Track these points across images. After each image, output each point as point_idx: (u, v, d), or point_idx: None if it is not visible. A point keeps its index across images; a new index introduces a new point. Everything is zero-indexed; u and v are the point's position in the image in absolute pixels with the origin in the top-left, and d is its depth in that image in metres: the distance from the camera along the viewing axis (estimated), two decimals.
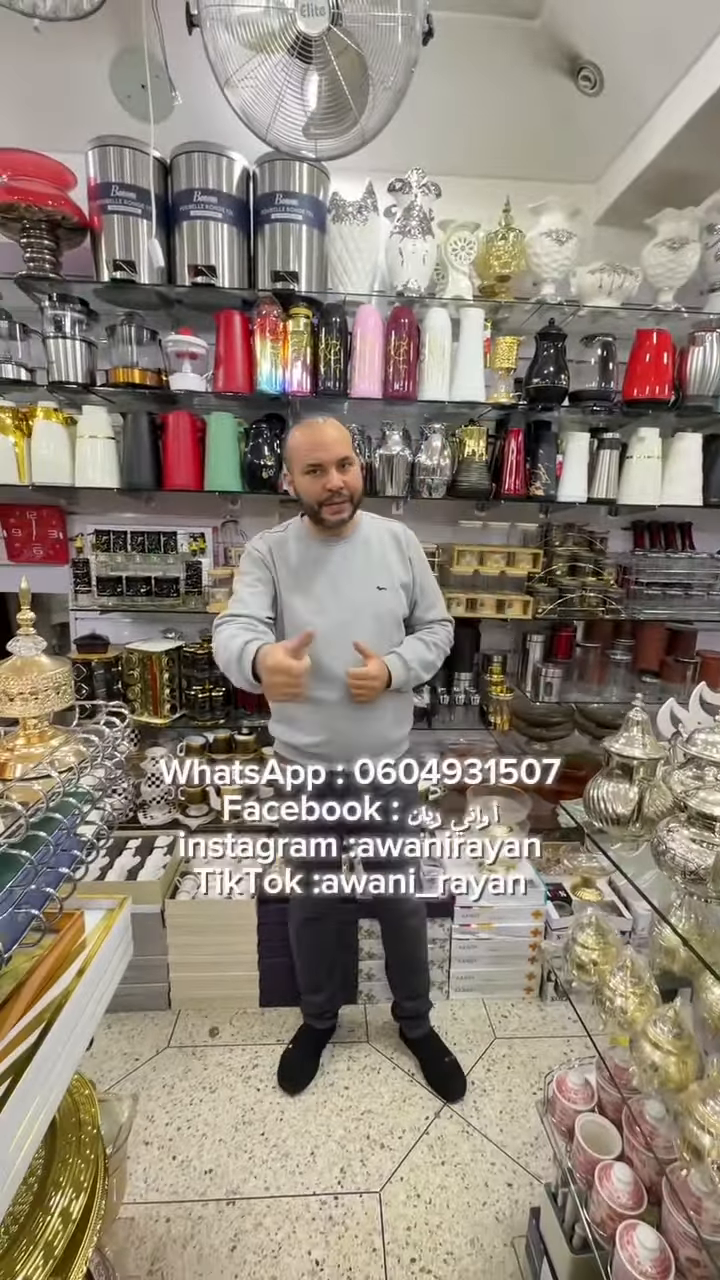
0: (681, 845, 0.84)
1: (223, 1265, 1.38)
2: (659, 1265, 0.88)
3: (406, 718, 1.67)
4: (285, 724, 1.58)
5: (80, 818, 0.81)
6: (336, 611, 1.46)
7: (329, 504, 1.42)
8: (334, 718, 1.49)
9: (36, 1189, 0.94)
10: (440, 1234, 1.45)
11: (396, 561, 1.55)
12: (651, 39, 1.78)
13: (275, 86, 1.49)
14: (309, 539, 1.53)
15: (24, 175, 1.87)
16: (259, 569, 1.52)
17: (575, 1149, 1.08)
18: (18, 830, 0.68)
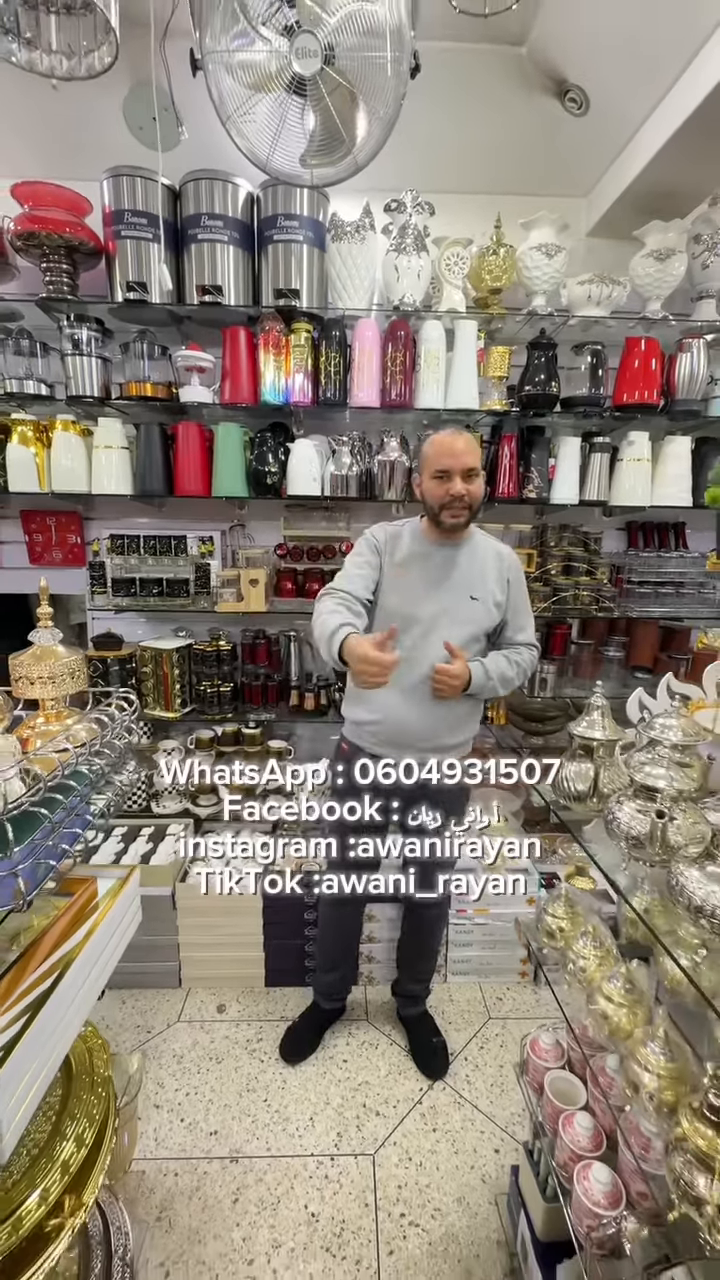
0: (627, 815, 0.93)
1: (225, 1214, 1.49)
2: (610, 1198, 0.97)
3: (465, 727, 1.70)
4: (353, 700, 1.71)
5: (92, 787, 0.93)
6: (426, 607, 1.57)
7: (449, 508, 1.53)
8: (393, 703, 1.59)
9: (54, 1120, 1.06)
10: (429, 1193, 1.55)
11: (494, 579, 1.63)
12: (633, 61, 1.87)
13: (273, 122, 1.60)
14: (422, 537, 1.64)
15: (44, 205, 2.01)
16: (370, 553, 1.65)
17: (545, 1101, 1.17)
18: (39, 792, 0.80)
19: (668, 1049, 0.88)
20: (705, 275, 2.17)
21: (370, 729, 1.65)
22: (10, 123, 2.13)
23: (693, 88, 1.80)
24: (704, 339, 2.21)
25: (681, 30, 1.73)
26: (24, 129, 2.17)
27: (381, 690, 1.57)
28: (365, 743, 1.68)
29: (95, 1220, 1.29)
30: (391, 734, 1.62)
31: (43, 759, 0.88)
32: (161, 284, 2.01)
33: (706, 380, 2.23)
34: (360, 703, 1.68)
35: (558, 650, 2.51)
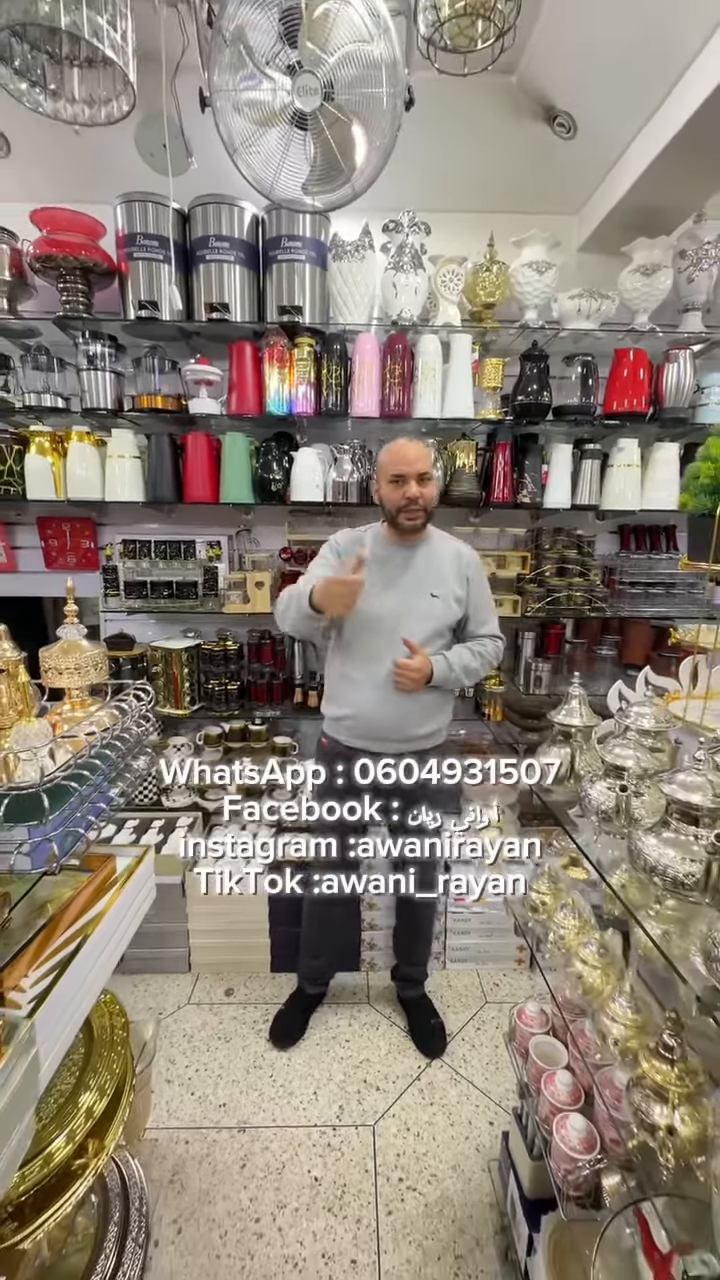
0: (597, 792, 1.02)
1: (234, 1178, 1.58)
2: (585, 1144, 1.06)
3: (434, 718, 1.79)
4: (331, 700, 1.81)
5: (114, 768, 1.03)
6: (389, 605, 1.67)
7: (405, 510, 1.65)
8: (365, 697, 1.70)
9: (78, 1074, 1.16)
10: (426, 1160, 1.64)
11: (453, 576, 1.74)
12: (619, 88, 1.97)
13: (277, 153, 1.71)
14: (382, 540, 1.75)
15: (61, 229, 2.13)
16: (334, 557, 1.77)
17: (530, 1063, 1.26)
18: (69, 767, 0.90)
19: (634, 1003, 0.97)
20: (690, 289, 2.27)
21: (345, 724, 1.75)
22: (29, 151, 2.25)
23: (676, 112, 1.89)
24: (690, 350, 2.30)
25: (664, 58, 1.83)
26: (42, 156, 2.29)
27: (353, 687, 1.70)
28: (342, 737, 1.78)
29: (114, 1176, 1.38)
30: (364, 728, 1.72)
31: (70, 741, 0.99)
32: (172, 303, 2.12)
33: (693, 389, 2.32)
34: (336, 700, 1.78)
35: (552, 649, 2.60)
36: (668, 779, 0.86)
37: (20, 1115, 0.82)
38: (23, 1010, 0.86)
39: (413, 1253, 1.43)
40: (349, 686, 1.73)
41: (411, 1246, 1.44)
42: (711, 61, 1.70)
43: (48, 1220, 0.95)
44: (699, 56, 1.76)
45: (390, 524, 1.72)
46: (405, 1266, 1.40)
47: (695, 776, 0.84)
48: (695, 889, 0.79)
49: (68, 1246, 1.28)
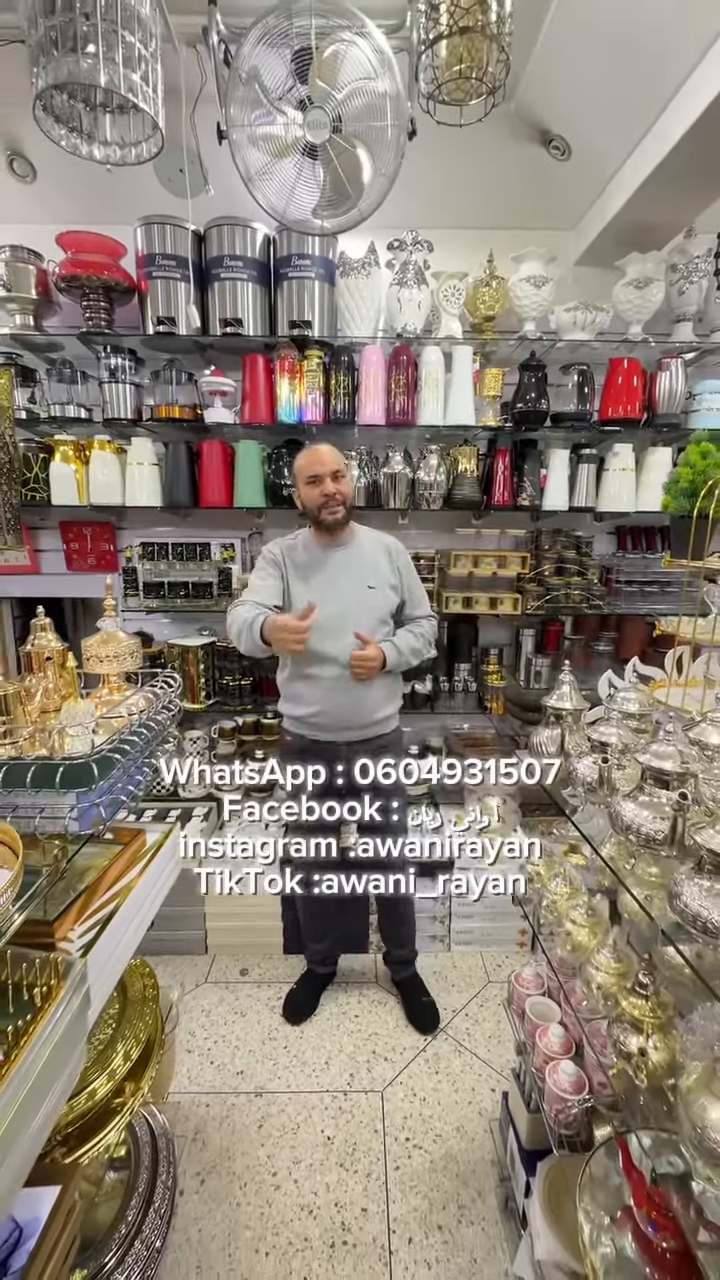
0: (584, 766, 1.13)
1: (251, 1137, 1.70)
2: (575, 1085, 1.16)
3: (394, 698, 1.95)
4: (289, 700, 1.92)
5: (148, 743, 1.15)
6: (332, 604, 1.78)
7: (325, 507, 1.77)
8: (328, 693, 1.81)
9: (115, 1026, 1.29)
10: (431, 1122, 1.75)
11: (386, 567, 1.87)
12: (610, 114, 2.08)
13: (289, 182, 1.83)
14: (314, 544, 1.87)
15: (85, 251, 2.27)
16: (272, 567, 1.88)
17: (526, 1021, 1.37)
18: (115, 740, 1.02)
19: (616, 954, 1.07)
20: (681, 301, 2.38)
21: (309, 720, 1.86)
22: (53, 176, 2.39)
23: (665, 136, 2.00)
24: (681, 358, 2.41)
25: (653, 85, 1.94)
26: (65, 181, 2.43)
27: (316, 686, 1.82)
28: (306, 732, 1.89)
29: (144, 1129, 1.50)
30: (328, 720, 1.84)
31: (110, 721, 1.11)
32: (190, 321, 2.25)
33: (684, 396, 2.43)
34: (296, 700, 1.89)
35: (552, 645, 2.71)
36: (643, 749, 0.97)
37: (74, 1044, 0.94)
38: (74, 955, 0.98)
39: (419, 1202, 1.54)
40: (308, 685, 1.84)
41: (418, 1197, 1.55)
42: (697, 89, 1.80)
43: (94, 1146, 1.07)
44: (685, 84, 1.87)
45: (315, 525, 1.84)
46: (412, 1214, 1.51)
47: (667, 747, 0.95)
48: (664, 844, 0.90)
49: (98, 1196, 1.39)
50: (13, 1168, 0.80)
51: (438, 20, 1.20)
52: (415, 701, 2.62)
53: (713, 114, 1.78)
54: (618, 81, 1.97)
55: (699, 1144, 0.75)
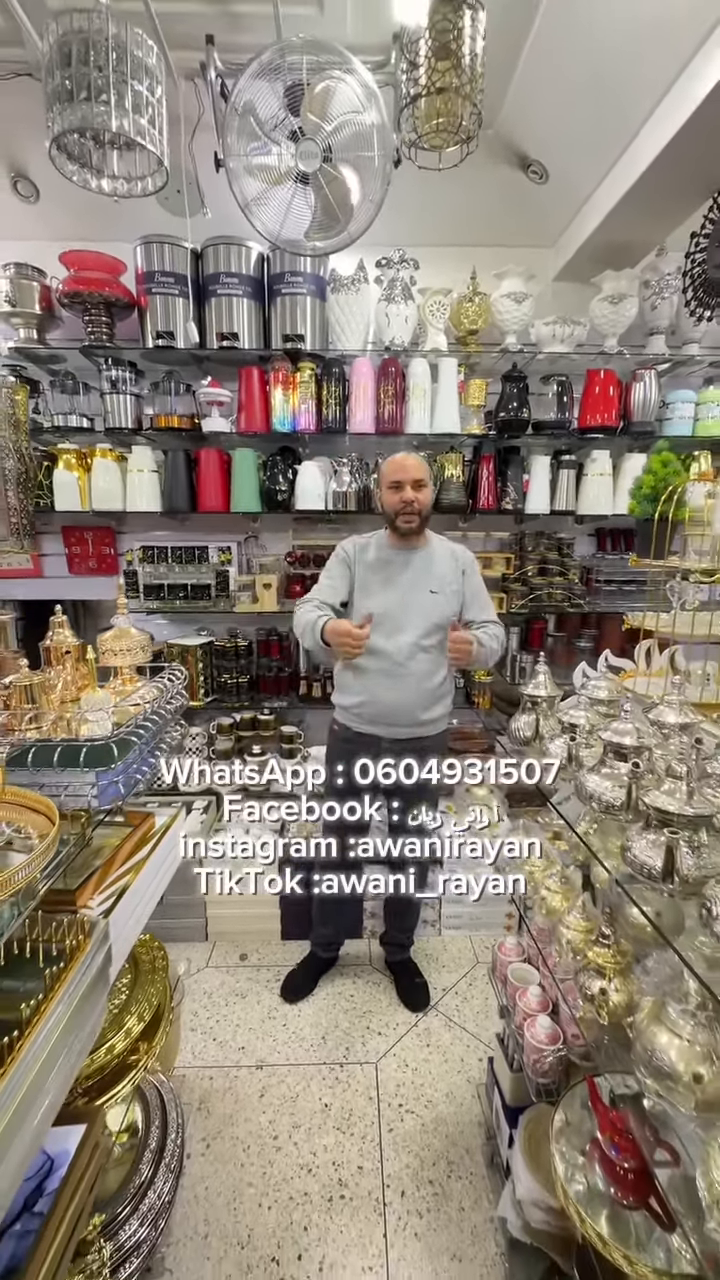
0: (556, 746, 1.25)
1: (254, 1106, 1.80)
2: (550, 1037, 1.28)
3: (442, 701, 1.99)
4: (340, 690, 2.03)
5: (161, 727, 1.26)
6: (393, 603, 1.89)
7: (403, 513, 1.87)
8: (373, 685, 1.91)
9: (128, 993, 1.39)
10: (422, 1089, 1.86)
11: (450, 574, 1.96)
12: (583, 143, 2.22)
13: (282, 207, 1.95)
14: (386, 545, 1.98)
15: (87, 268, 2.38)
16: (341, 566, 1.99)
17: (508, 986, 1.48)
18: (132, 723, 1.13)
19: (584, 914, 1.19)
20: (654, 315, 2.52)
21: (356, 711, 1.97)
22: (55, 196, 2.49)
23: (634, 163, 2.14)
24: (655, 370, 2.55)
25: (622, 117, 2.07)
26: (66, 201, 2.53)
27: (364, 678, 1.93)
28: (353, 723, 2.00)
29: (154, 1095, 1.60)
30: (375, 713, 1.94)
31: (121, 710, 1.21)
32: (188, 337, 2.36)
33: (658, 404, 2.57)
34: (346, 690, 2.00)
35: (535, 643, 2.84)
36: (605, 727, 1.09)
37: (99, 995, 1.04)
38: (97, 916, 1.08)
39: (411, 1160, 1.64)
40: (359, 676, 1.94)
41: (410, 1155, 1.66)
42: (662, 121, 1.93)
43: (113, 1096, 1.17)
44: (651, 116, 2.01)
45: (391, 528, 1.94)
46: (405, 1170, 1.62)
47: (626, 724, 1.07)
48: (621, 809, 1.01)
49: (109, 1164, 1.49)
50: (46, 1105, 0.90)
51: (417, 80, 1.31)
52: None
53: (677, 144, 1.91)
54: (590, 113, 2.10)
55: (649, 1064, 0.87)
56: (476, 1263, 1.42)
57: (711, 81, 1.68)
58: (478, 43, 1.30)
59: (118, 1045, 1.23)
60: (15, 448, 1.38)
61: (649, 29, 1.75)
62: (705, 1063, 0.82)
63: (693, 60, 1.77)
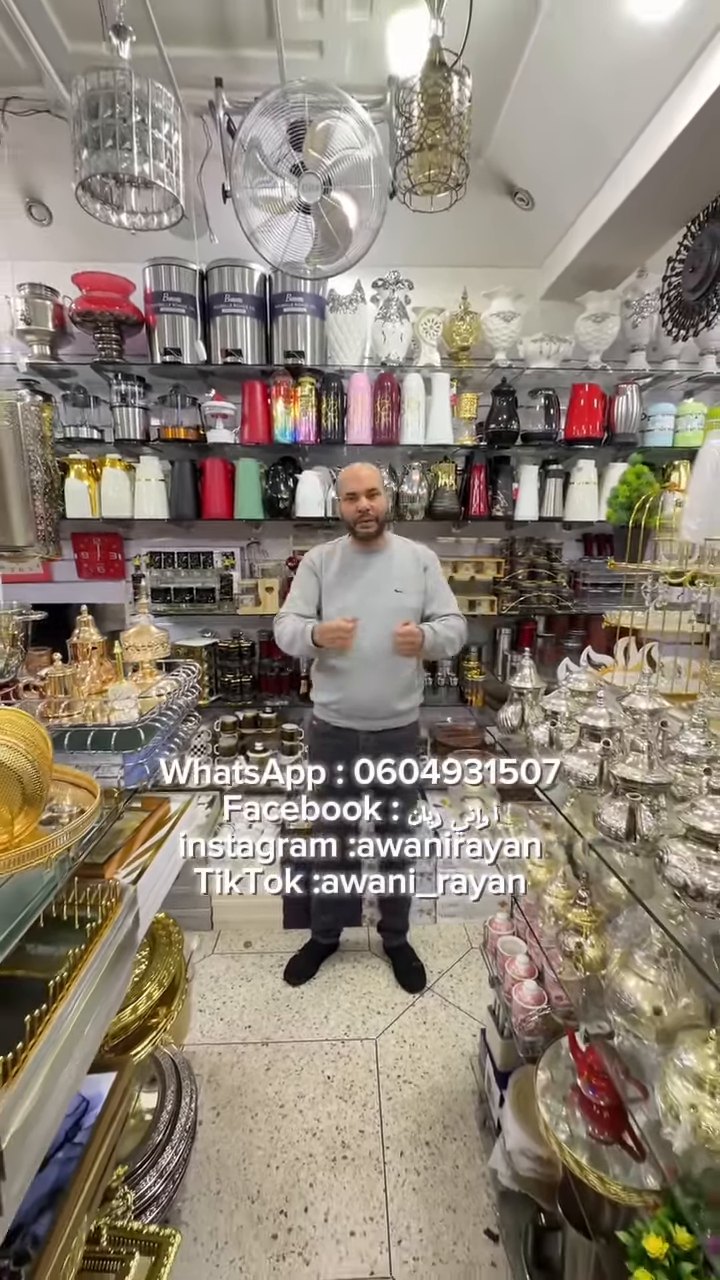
0: (539, 732, 1.37)
1: (260, 1078, 1.91)
2: (535, 998, 1.40)
3: (411, 693, 2.13)
4: (317, 688, 2.15)
5: (180, 717, 1.37)
6: (360, 603, 2.01)
7: (360, 521, 1.99)
8: (349, 682, 2.04)
9: (147, 965, 1.50)
10: (419, 1062, 1.97)
11: (413, 572, 2.08)
12: (566, 174, 2.37)
13: (285, 235, 2.09)
14: (350, 550, 2.09)
15: (99, 289, 2.51)
16: (309, 575, 2.11)
17: (498, 957, 1.60)
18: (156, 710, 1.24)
19: (565, 882, 1.31)
20: (635, 333, 2.66)
21: (335, 707, 2.09)
22: (68, 219, 2.62)
23: (614, 193, 2.29)
24: (636, 384, 2.70)
25: (604, 149, 2.22)
26: (78, 223, 2.63)
27: (339, 676, 2.05)
28: (331, 718, 2.12)
29: (168, 1063, 1.71)
30: (351, 708, 2.06)
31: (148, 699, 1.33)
32: (196, 355, 2.49)
33: (640, 417, 2.71)
34: (323, 688, 2.12)
35: (526, 642, 2.96)
36: (582, 712, 1.22)
37: (128, 954, 1.16)
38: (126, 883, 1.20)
39: (409, 1124, 1.76)
40: (332, 675, 2.07)
41: (408, 1121, 1.77)
42: (642, 153, 2.07)
43: (138, 1051, 1.28)
44: (631, 149, 2.15)
45: (351, 534, 2.07)
46: (403, 1134, 1.73)
47: (600, 709, 1.19)
48: (595, 784, 1.14)
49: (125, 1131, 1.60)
50: (84, 1051, 1.01)
51: (410, 134, 1.45)
52: None
53: (653, 177, 2.06)
54: (573, 146, 2.25)
55: (618, 1005, 0.99)
56: (470, 1213, 1.53)
57: (685, 120, 1.83)
58: (464, 104, 1.44)
59: (140, 1007, 1.34)
60: (42, 461, 1.50)
61: (627, 71, 1.89)
62: (664, 999, 0.94)
63: (668, 99, 1.92)
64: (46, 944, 1.04)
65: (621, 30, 1.75)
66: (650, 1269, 0.86)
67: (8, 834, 0.82)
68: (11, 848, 0.81)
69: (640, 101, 1.96)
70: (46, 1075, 0.80)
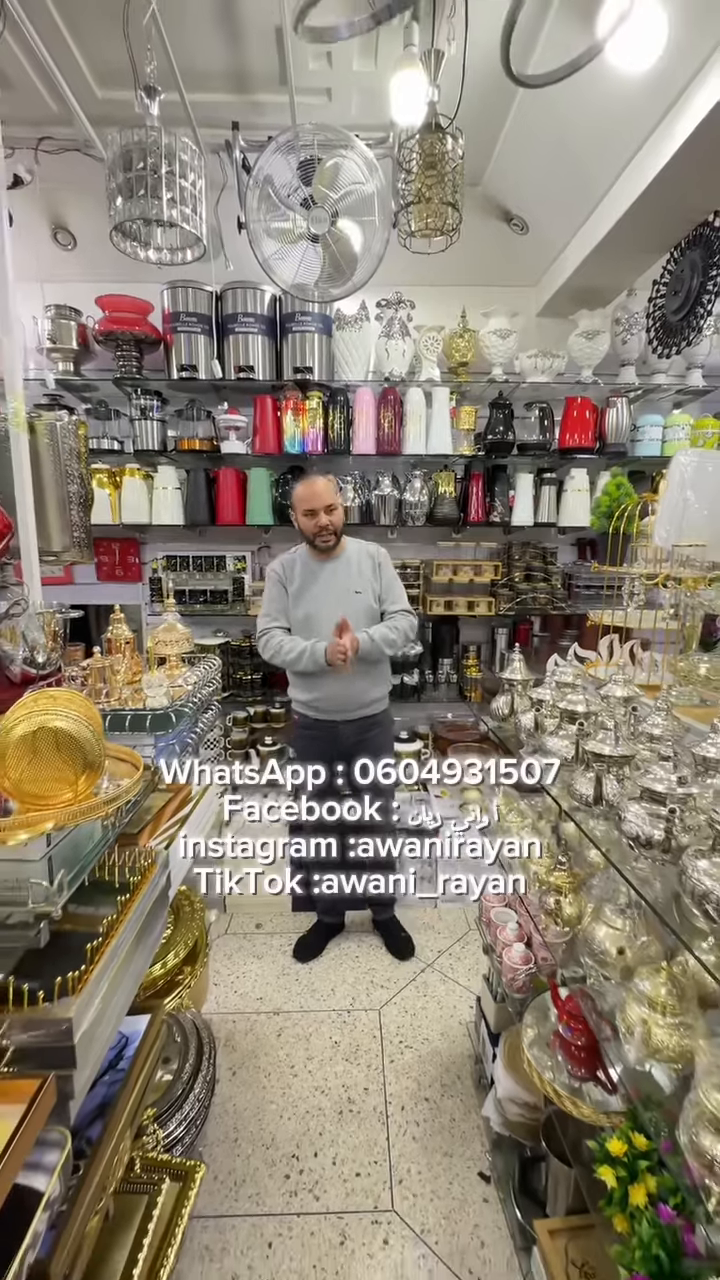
0: (526, 719, 1.53)
1: (272, 1043, 2.06)
2: (523, 959, 1.55)
3: (380, 684, 2.29)
4: (295, 687, 2.31)
5: (202, 706, 1.53)
6: (325, 610, 2.15)
7: (319, 536, 2.14)
8: (323, 681, 2.19)
9: (171, 930, 1.66)
10: (420, 1029, 2.12)
11: (370, 573, 2.23)
12: (557, 202, 2.53)
13: (295, 261, 2.26)
14: (309, 559, 2.24)
15: (120, 310, 2.68)
16: (277, 586, 2.25)
17: (491, 926, 1.75)
18: (185, 697, 1.40)
19: (549, 852, 1.47)
20: (625, 349, 2.82)
21: (313, 704, 2.25)
22: (91, 243, 2.80)
23: (602, 220, 2.44)
24: (626, 397, 2.85)
25: (591, 182, 2.38)
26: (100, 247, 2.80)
27: (314, 677, 2.19)
28: (311, 713, 2.27)
29: (188, 1024, 1.87)
30: (328, 703, 2.22)
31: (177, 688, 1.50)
32: (212, 372, 2.66)
33: (629, 428, 2.86)
34: (301, 687, 2.27)
35: (523, 640, 3.12)
36: (562, 698, 1.37)
37: (161, 911, 1.32)
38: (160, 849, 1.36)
39: (410, 1083, 1.91)
40: (309, 675, 2.20)
41: (409, 1080, 1.92)
42: (626, 185, 2.22)
43: (169, 1001, 1.44)
44: (616, 182, 2.31)
45: (310, 546, 2.20)
46: (404, 1091, 1.88)
47: (578, 695, 1.35)
48: (572, 762, 1.29)
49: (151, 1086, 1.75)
50: (129, 983, 1.17)
51: (411, 183, 1.61)
52: (404, 692, 3.02)
53: (637, 208, 2.21)
54: (562, 178, 2.41)
55: (590, 950, 1.15)
56: (464, 1158, 1.68)
57: (664, 159, 1.98)
58: (457, 160, 1.60)
59: (169, 963, 1.50)
60: (78, 474, 1.66)
61: (611, 115, 2.05)
62: (626, 942, 1.10)
63: (648, 140, 2.08)
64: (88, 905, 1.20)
65: (604, 80, 1.90)
66: (613, 1165, 1.01)
67: (72, 791, 0.98)
68: (76, 803, 0.97)
69: (624, 141, 2.12)
70: (104, 994, 0.96)
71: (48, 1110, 0.80)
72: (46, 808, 0.96)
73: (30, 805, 0.95)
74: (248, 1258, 1.45)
